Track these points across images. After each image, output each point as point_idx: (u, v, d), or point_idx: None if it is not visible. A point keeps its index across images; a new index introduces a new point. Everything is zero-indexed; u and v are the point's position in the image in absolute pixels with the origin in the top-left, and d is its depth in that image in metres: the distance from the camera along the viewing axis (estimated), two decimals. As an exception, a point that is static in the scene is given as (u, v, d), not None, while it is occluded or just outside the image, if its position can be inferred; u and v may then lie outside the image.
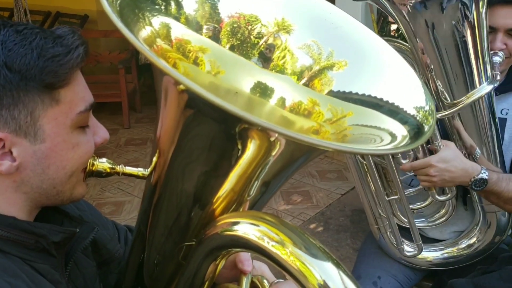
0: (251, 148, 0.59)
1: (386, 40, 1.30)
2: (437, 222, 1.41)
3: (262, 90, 0.78)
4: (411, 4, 1.11)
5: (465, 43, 1.15)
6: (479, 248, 1.41)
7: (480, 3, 1.13)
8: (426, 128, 0.62)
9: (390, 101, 0.69)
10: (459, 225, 1.45)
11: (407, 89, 0.70)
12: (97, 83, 4.29)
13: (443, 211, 1.40)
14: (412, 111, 0.66)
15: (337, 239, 2.82)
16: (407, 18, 1.15)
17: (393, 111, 0.68)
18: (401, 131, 0.63)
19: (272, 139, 0.57)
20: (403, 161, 1.26)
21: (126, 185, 3.33)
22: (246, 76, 0.79)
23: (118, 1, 0.60)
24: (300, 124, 0.75)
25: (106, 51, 4.59)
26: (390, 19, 3.82)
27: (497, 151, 1.31)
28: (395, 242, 1.39)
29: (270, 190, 0.71)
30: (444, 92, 1.22)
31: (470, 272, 1.40)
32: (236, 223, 0.62)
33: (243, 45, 0.78)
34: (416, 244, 1.37)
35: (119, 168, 0.75)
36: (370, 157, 1.29)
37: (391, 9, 1.17)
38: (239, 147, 0.59)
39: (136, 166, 0.75)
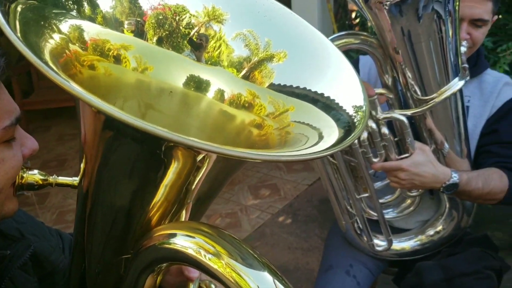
0: (181, 160, 0.58)
1: (352, 34, 1.31)
2: (405, 212, 1.43)
3: (197, 84, 0.77)
4: (386, 4, 1.10)
5: (440, 37, 1.15)
6: (446, 234, 1.44)
7: None
8: (357, 128, 0.63)
9: (327, 96, 0.70)
10: (424, 215, 1.48)
11: (345, 86, 0.71)
12: (53, 88, 4.15)
13: (409, 201, 1.42)
14: (348, 109, 0.67)
15: (305, 230, 2.85)
16: (378, 12, 1.14)
17: (328, 106, 0.68)
18: (332, 130, 0.64)
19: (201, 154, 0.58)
20: (374, 160, 1.27)
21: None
22: (177, 70, 0.77)
23: (19, 17, 0.57)
24: (241, 118, 0.75)
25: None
26: (351, 6, 3.85)
27: (464, 142, 1.34)
28: (365, 239, 1.41)
29: (211, 192, 0.70)
30: (415, 86, 1.23)
31: (436, 255, 1.44)
32: (173, 235, 0.61)
33: (172, 37, 0.76)
34: (386, 238, 1.39)
35: (52, 179, 0.73)
36: (340, 156, 1.30)
37: (361, 4, 1.17)
38: (167, 159, 0.58)
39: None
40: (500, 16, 2.57)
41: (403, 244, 1.45)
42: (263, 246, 2.73)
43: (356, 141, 1.25)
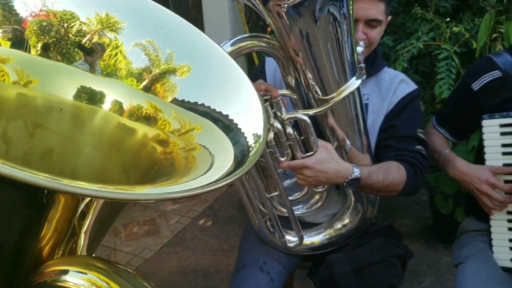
0: (68, 198, 0.56)
1: (255, 36, 1.32)
2: (314, 207, 1.48)
3: (89, 96, 0.73)
4: (284, 6, 1.13)
5: (337, 39, 1.19)
6: (353, 226, 1.51)
7: None
8: (251, 153, 0.62)
9: (229, 117, 0.68)
10: (332, 209, 1.54)
11: (246, 108, 0.70)
12: None
13: (317, 196, 1.47)
14: (246, 133, 0.66)
15: (226, 230, 2.86)
16: (277, 15, 1.16)
17: (228, 127, 0.67)
18: (227, 156, 0.62)
19: None
20: (282, 159, 1.30)
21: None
22: (66, 82, 0.72)
23: None
24: (143, 131, 0.71)
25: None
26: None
27: (364, 138, 1.40)
28: (277, 236, 1.44)
29: (110, 217, 0.68)
30: (315, 86, 1.27)
31: (345, 247, 1.50)
32: (65, 272, 0.59)
33: (60, 45, 0.71)
34: (297, 234, 1.42)
35: None
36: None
37: (260, 6, 1.18)
38: (51, 199, 0.55)
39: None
40: (398, 16, 2.75)
41: (312, 239, 1.49)
42: (183, 251, 2.69)
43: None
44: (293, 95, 1.34)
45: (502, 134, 1.42)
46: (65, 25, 0.72)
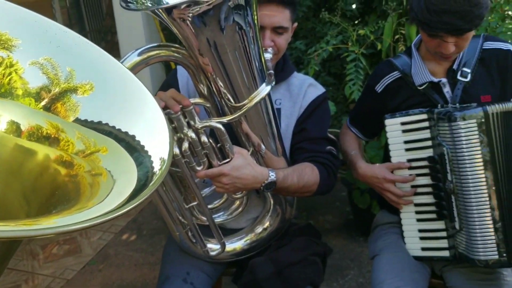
0: None
1: (164, 45, 1.30)
2: (235, 213, 1.48)
3: None
4: (189, 16, 1.12)
5: (244, 47, 1.21)
6: (273, 229, 1.54)
7: (254, 5, 1.20)
8: (154, 177, 0.60)
9: (134, 137, 0.67)
10: (253, 212, 1.56)
11: (151, 128, 0.69)
12: None
13: (237, 202, 1.48)
14: (151, 154, 0.65)
15: (151, 243, 2.80)
16: (182, 24, 1.15)
17: (132, 148, 0.65)
18: (130, 179, 0.61)
19: None
20: (198, 168, 1.29)
21: None
22: None
23: None
24: (44, 153, 0.68)
25: None
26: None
27: (278, 141, 1.43)
28: (199, 246, 1.43)
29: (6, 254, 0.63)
30: (227, 94, 1.28)
31: (267, 249, 1.52)
32: None
33: None
34: (219, 242, 1.43)
35: None
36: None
37: (164, 16, 1.17)
38: None
39: None
40: (309, 21, 2.84)
41: (234, 245, 1.49)
42: (107, 268, 2.59)
43: (178, 151, 1.26)
44: (206, 104, 1.34)
45: (404, 131, 1.52)
46: None
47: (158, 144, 0.67)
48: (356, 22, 2.80)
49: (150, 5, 1.25)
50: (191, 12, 1.11)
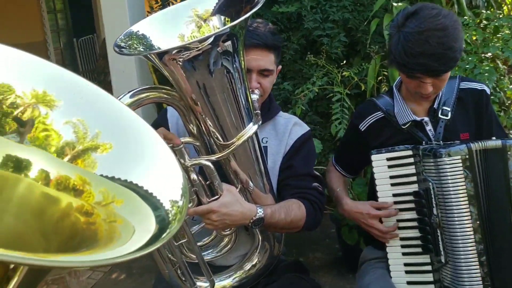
0: None
1: (154, 88, 1.37)
2: (224, 250, 1.51)
3: (15, 164, 0.73)
4: (179, 60, 1.19)
5: (232, 89, 1.28)
6: (262, 265, 1.55)
7: (241, 51, 1.27)
8: (173, 224, 0.65)
9: (147, 187, 0.72)
10: (241, 249, 1.58)
11: (166, 177, 0.75)
12: None
13: (226, 239, 1.51)
14: (165, 204, 0.70)
15: (141, 282, 2.77)
16: (173, 68, 1.22)
17: (147, 199, 0.70)
18: (148, 226, 0.65)
19: None
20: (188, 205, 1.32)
21: None
22: None
23: None
24: (67, 201, 0.72)
25: None
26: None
27: (266, 178, 1.48)
28: (188, 284, 1.44)
29: None
30: (216, 133, 1.33)
31: (256, 286, 1.53)
32: None
33: None
34: (208, 280, 1.44)
35: None
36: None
37: (156, 61, 1.23)
38: None
39: None
40: (296, 63, 2.95)
41: (223, 283, 1.51)
42: (96, 308, 2.57)
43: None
44: (196, 142, 1.39)
45: (390, 166, 1.57)
46: (1, 97, 0.72)
47: (174, 193, 0.72)
48: (341, 64, 2.91)
49: (142, 50, 1.32)
50: (181, 56, 1.19)
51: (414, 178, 1.53)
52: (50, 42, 8.14)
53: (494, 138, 1.54)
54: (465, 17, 2.68)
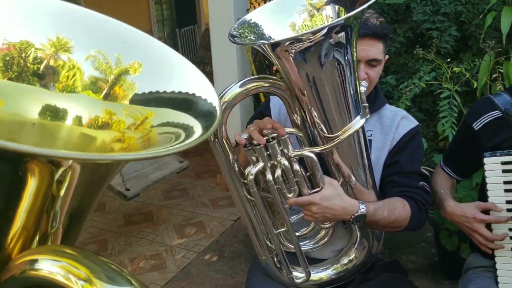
0: (37, 178, 0.55)
1: (262, 78, 1.38)
2: (320, 243, 1.49)
3: (53, 113, 0.77)
4: (291, 52, 1.19)
5: (342, 81, 1.25)
6: (359, 262, 1.52)
7: (354, 42, 1.24)
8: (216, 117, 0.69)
9: (186, 93, 0.76)
10: (338, 244, 1.56)
11: (199, 87, 0.78)
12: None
13: (323, 232, 1.49)
14: (205, 101, 0.74)
15: (232, 266, 2.86)
16: (285, 59, 1.22)
17: (186, 107, 0.74)
18: (194, 125, 0.69)
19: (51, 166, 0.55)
20: (289, 195, 1.33)
21: None
22: (31, 102, 0.76)
23: None
24: (102, 138, 0.76)
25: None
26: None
27: (369, 173, 1.44)
28: (284, 272, 1.46)
29: (82, 210, 0.68)
30: (321, 124, 1.32)
31: (352, 282, 1.51)
32: (35, 261, 0.55)
33: (22, 76, 0.75)
34: (304, 270, 1.44)
35: None
36: (257, 193, 1.34)
37: (269, 52, 1.25)
38: (23, 177, 0.54)
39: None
40: (401, 56, 2.83)
41: (320, 274, 1.50)
42: (189, 286, 2.69)
43: (271, 178, 1.31)
44: (299, 133, 1.39)
45: (504, 171, 1.46)
46: (23, 55, 0.74)
47: (209, 96, 0.76)
48: (449, 59, 2.75)
49: (253, 39, 1.34)
50: (293, 48, 1.19)
51: None
52: (156, 31, 8.60)
53: None
54: None
